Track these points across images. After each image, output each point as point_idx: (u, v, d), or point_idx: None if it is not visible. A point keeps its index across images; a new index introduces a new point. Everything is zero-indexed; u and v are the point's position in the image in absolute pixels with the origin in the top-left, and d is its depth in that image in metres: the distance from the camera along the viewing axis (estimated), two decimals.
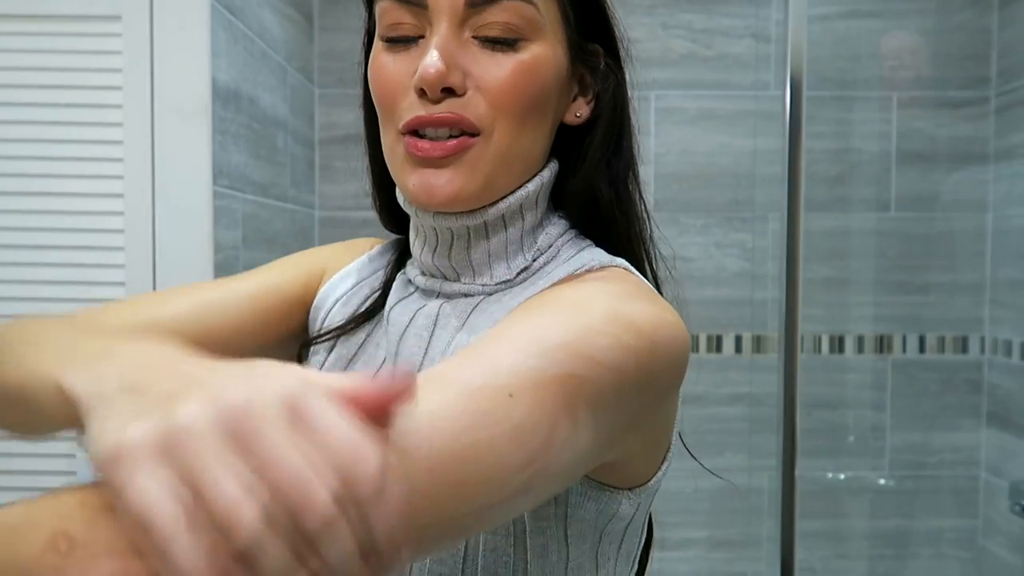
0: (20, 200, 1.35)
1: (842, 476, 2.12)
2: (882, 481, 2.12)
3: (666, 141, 2.07)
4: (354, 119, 0.73)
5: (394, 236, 0.76)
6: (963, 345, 2.10)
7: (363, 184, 0.75)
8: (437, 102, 0.59)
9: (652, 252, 0.69)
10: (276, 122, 1.76)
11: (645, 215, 0.69)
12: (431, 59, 0.58)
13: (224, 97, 1.42)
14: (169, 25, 1.33)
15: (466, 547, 0.57)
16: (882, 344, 2.10)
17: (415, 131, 0.60)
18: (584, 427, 0.45)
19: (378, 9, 0.62)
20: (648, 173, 2.07)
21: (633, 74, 0.68)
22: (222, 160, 1.41)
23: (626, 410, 0.51)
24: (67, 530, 0.31)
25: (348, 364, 0.68)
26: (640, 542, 0.66)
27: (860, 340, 2.10)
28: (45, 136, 1.34)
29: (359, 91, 0.70)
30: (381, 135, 0.65)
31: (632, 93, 0.68)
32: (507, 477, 0.40)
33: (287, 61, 1.83)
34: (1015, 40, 2.01)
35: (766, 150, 1.99)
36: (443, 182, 0.60)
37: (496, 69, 0.59)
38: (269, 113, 1.70)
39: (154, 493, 0.28)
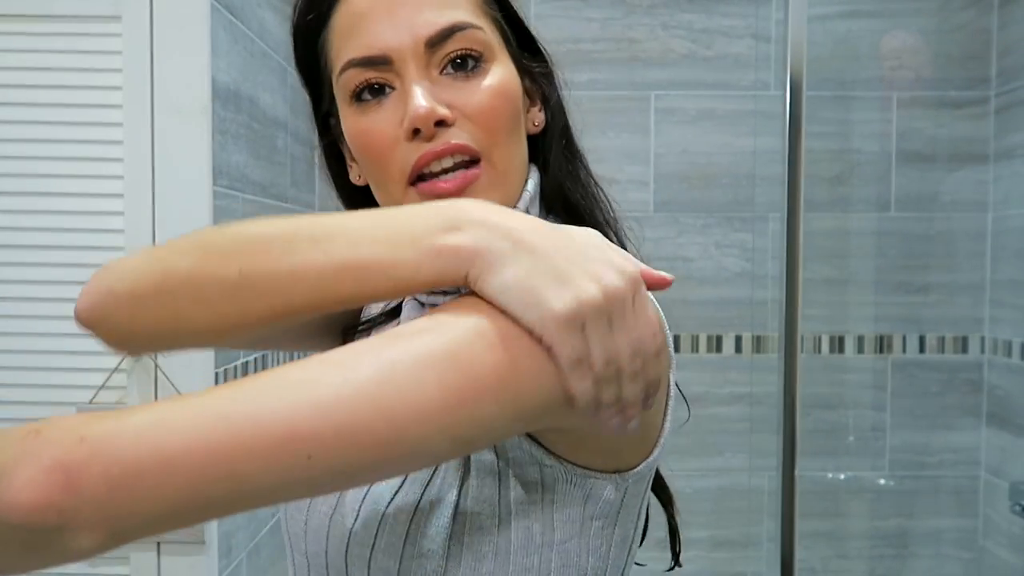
0: (20, 200, 1.35)
1: (842, 476, 2.12)
2: (882, 481, 2.12)
3: (666, 141, 2.07)
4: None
5: None
6: (963, 345, 2.10)
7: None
8: (431, 137, 0.61)
9: (621, 235, 0.72)
10: (276, 122, 1.76)
11: (605, 199, 0.73)
12: (417, 98, 0.61)
13: (224, 97, 1.42)
14: (169, 25, 1.33)
15: (452, 525, 0.59)
16: (882, 344, 2.10)
17: (421, 176, 0.63)
18: (524, 360, 0.49)
19: (342, 80, 0.64)
20: (648, 173, 2.07)
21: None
22: (222, 160, 1.41)
23: None
24: (40, 428, 0.43)
25: None
26: (636, 530, 0.67)
27: (860, 340, 2.10)
28: (45, 136, 1.34)
29: (327, 176, 0.75)
30: (379, 195, 0.67)
31: (563, 93, 0.73)
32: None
33: (287, 61, 1.83)
34: (1015, 40, 2.01)
35: (766, 150, 1.99)
36: None
37: (473, 96, 0.63)
38: (269, 113, 1.70)
39: (576, 349, 0.48)
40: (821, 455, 2.10)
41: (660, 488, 0.74)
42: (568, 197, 0.70)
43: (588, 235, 0.53)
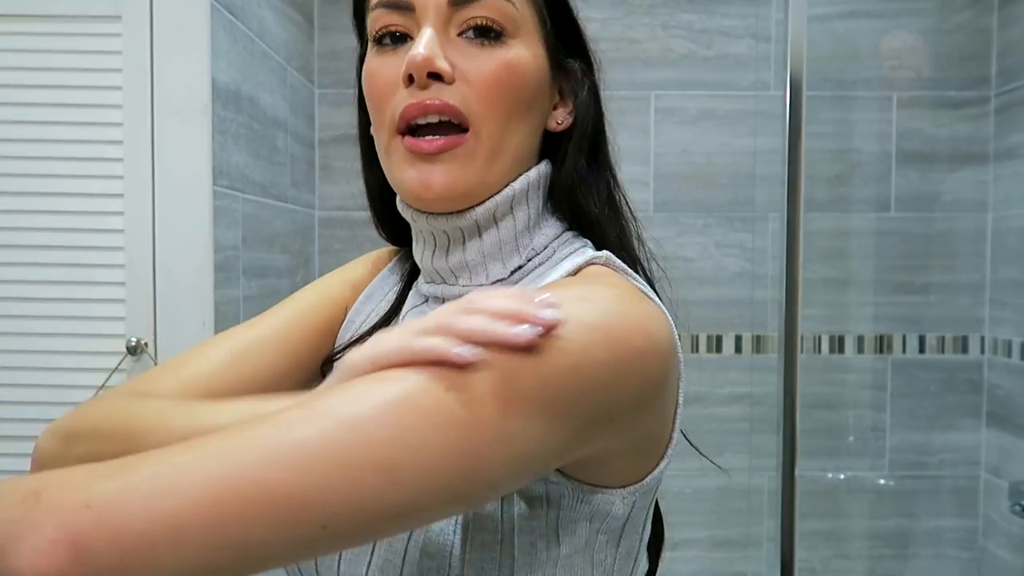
0: (20, 200, 1.35)
1: (842, 476, 2.12)
2: (882, 481, 2.12)
3: (666, 141, 2.07)
4: (354, 119, 0.75)
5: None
6: (963, 345, 2.10)
7: (363, 185, 0.76)
8: (425, 88, 0.61)
9: (644, 252, 0.70)
10: (276, 122, 1.76)
11: (631, 216, 0.71)
12: (417, 46, 0.61)
13: (224, 97, 1.42)
14: (169, 25, 1.33)
15: (453, 543, 0.58)
16: (882, 344, 2.10)
17: (410, 129, 0.63)
18: (528, 422, 0.48)
19: (370, 20, 0.65)
20: (648, 173, 2.07)
21: (604, 86, 0.73)
22: (222, 160, 1.41)
23: (590, 404, 0.51)
24: (39, 489, 0.41)
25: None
26: (641, 541, 0.65)
27: (860, 340, 2.10)
28: (45, 136, 1.34)
29: (355, 117, 0.74)
30: (376, 141, 0.67)
31: (605, 105, 0.72)
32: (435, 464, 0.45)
33: (287, 61, 1.83)
34: (1015, 40, 2.01)
35: (766, 150, 1.99)
36: (437, 176, 0.62)
37: (481, 64, 0.62)
38: (269, 113, 1.70)
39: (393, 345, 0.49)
40: (821, 455, 2.10)
41: (655, 530, 0.71)
42: (581, 204, 0.68)
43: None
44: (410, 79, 0.61)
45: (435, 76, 0.61)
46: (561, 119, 0.70)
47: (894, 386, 2.10)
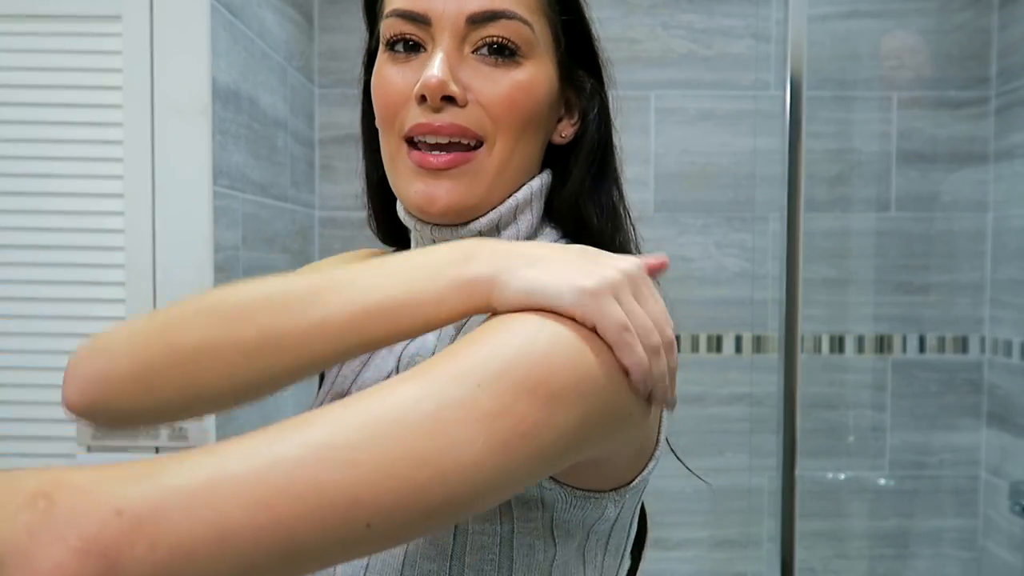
0: (20, 200, 1.35)
1: (842, 476, 2.12)
2: (882, 481, 2.12)
3: (666, 141, 2.07)
4: (354, 119, 0.75)
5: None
6: (963, 345, 2.10)
7: (363, 182, 0.76)
8: (438, 110, 0.62)
9: None
10: (276, 122, 1.76)
11: (630, 226, 0.72)
12: (433, 67, 0.61)
13: (224, 97, 1.42)
14: (169, 25, 1.33)
15: (453, 545, 0.58)
16: (882, 344, 2.10)
17: (415, 142, 0.64)
18: (560, 412, 0.47)
19: (383, 26, 0.66)
20: (648, 173, 2.07)
21: (615, 100, 0.73)
22: (222, 160, 1.41)
23: (607, 401, 0.51)
24: (49, 492, 0.36)
25: (360, 371, 0.70)
26: (628, 537, 0.66)
27: (860, 340, 2.10)
28: (45, 136, 1.34)
29: (359, 108, 0.74)
30: (382, 146, 0.67)
31: (615, 116, 0.72)
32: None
33: (287, 61, 1.83)
34: (1015, 40, 2.01)
35: (766, 150, 1.99)
36: (443, 192, 0.63)
37: (495, 85, 0.63)
38: (269, 113, 1.70)
39: (619, 315, 0.49)
40: (821, 455, 2.10)
41: (639, 528, 0.71)
42: (583, 216, 0.69)
43: (586, 247, 0.54)
44: (423, 98, 0.62)
45: (448, 99, 0.62)
46: (565, 133, 0.70)
47: (894, 386, 2.10)
